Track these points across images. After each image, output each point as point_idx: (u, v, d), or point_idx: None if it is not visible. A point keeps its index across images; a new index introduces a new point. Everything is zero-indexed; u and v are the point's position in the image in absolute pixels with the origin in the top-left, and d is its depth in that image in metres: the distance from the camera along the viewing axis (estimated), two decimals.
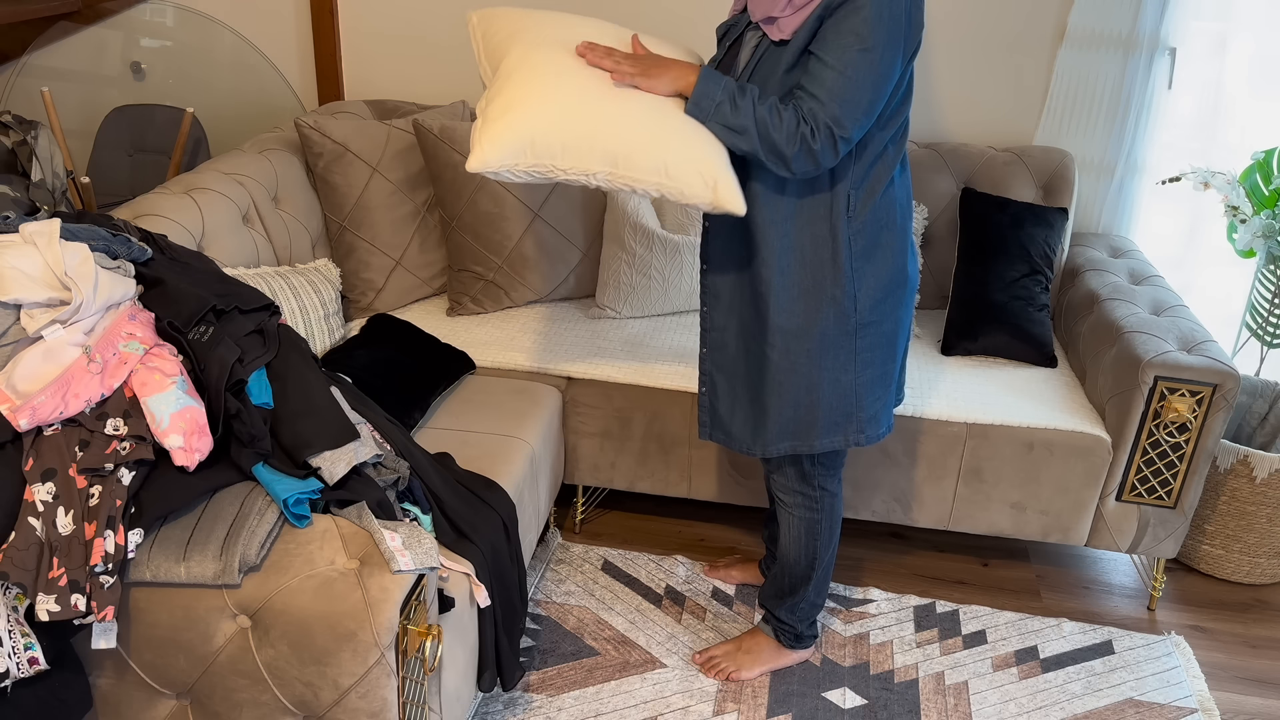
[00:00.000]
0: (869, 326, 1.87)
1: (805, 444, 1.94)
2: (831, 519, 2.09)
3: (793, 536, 2.11)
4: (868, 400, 1.92)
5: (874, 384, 1.92)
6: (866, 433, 1.94)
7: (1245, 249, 2.68)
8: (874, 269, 1.85)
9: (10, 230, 1.68)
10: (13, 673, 1.45)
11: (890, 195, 1.84)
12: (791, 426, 1.93)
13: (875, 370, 1.91)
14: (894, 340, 1.92)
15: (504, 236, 2.70)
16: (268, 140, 2.70)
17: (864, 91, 1.67)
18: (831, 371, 1.89)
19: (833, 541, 2.12)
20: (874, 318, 1.87)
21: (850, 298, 1.84)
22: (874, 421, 1.95)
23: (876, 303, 1.86)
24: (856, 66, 1.65)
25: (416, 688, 1.61)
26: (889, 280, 1.87)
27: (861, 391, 1.91)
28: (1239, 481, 2.53)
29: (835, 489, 2.07)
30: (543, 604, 2.41)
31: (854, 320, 1.86)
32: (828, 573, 2.15)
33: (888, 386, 1.96)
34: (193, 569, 1.51)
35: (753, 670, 2.22)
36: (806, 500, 2.06)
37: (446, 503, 1.85)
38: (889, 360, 1.93)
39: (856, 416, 1.93)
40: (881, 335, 1.89)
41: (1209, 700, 2.23)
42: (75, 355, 1.57)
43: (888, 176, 1.82)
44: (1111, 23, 2.76)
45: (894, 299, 1.89)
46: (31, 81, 3.19)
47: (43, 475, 1.49)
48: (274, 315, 1.83)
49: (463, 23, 3.09)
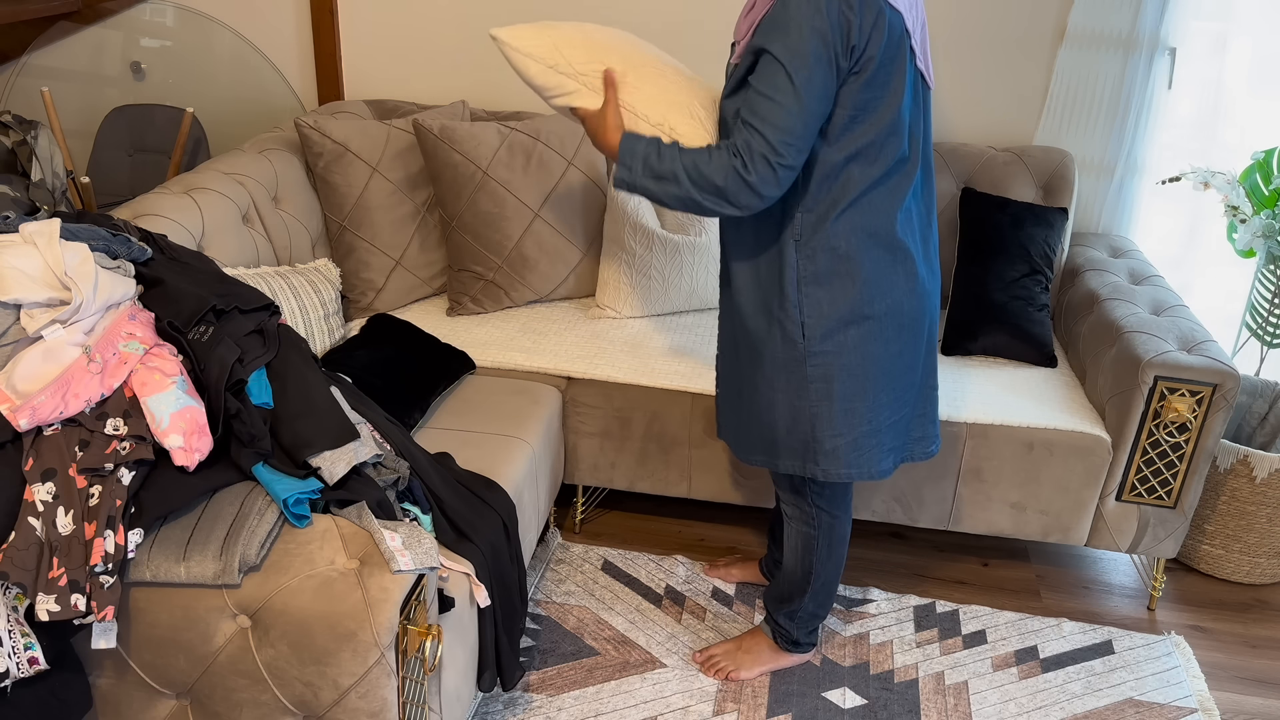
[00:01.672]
0: (820, 356, 1.82)
1: (772, 462, 1.94)
2: (830, 539, 2.07)
3: (790, 546, 2.12)
4: (823, 433, 1.87)
5: (836, 418, 1.86)
6: (823, 466, 1.89)
7: (1245, 249, 2.68)
8: (828, 296, 1.78)
9: (10, 230, 1.68)
10: (13, 673, 1.45)
11: (855, 223, 1.75)
12: (759, 442, 1.94)
13: (835, 404, 1.84)
14: (863, 376, 1.83)
15: (504, 236, 2.70)
16: (268, 140, 2.70)
17: (792, 116, 1.62)
18: (785, 394, 1.86)
19: (831, 559, 2.09)
20: (827, 347, 1.81)
21: (796, 323, 1.81)
22: (833, 457, 1.88)
23: (830, 332, 1.80)
24: (782, 91, 1.62)
25: (416, 688, 1.61)
26: (848, 311, 1.79)
27: (817, 422, 1.86)
28: (1239, 481, 2.53)
29: (836, 512, 2.05)
30: (543, 604, 2.41)
31: (802, 347, 1.82)
32: (828, 587, 2.13)
33: (862, 426, 1.87)
34: (193, 569, 1.51)
35: (751, 670, 2.22)
36: (803, 515, 2.06)
37: (446, 503, 1.85)
38: (858, 397, 1.84)
39: (813, 448, 1.89)
40: (841, 368, 1.82)
41: (1209, 700, 2.23)
42: (75, 355, 1.57)
43: (846, 200, 1.74)
44: (1111, 23, 2.76)
45: (858, 332, 1.80)
46: (31, 81, 3.19)
47: (43, 475, 1.49)
48: (274, 315, 1.83)
49: (463, 23, 3.09)
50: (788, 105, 1.62)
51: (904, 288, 1.81)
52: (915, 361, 1.89)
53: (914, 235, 1.82)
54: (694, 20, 2.99)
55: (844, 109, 1.68)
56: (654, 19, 3.00)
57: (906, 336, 1.84)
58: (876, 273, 1.78)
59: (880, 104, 1.69)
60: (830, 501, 2.03)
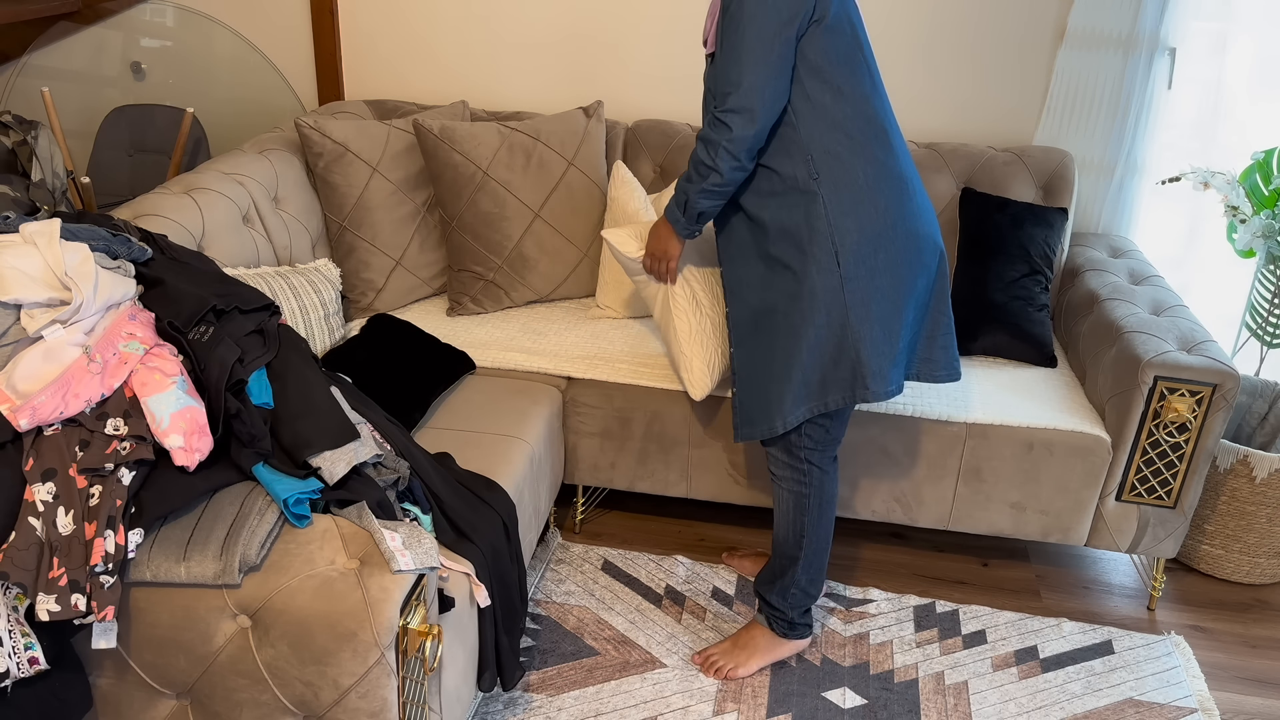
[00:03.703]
0: (856, 280, 1.93)
1: (820, 403, 2.04)
2: (821, 496, 2.12)
3: (782, 510, 2.15)
4: (868, 354, 1.96)
5: (878, 339, 1.96)
6: (873, 387, 1.97)
7: (1245, 249, 2.68)
8: (855, 224, 1.91)
9: (10, 230, 1.68)
10: (13, 673, 1.45)
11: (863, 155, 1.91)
12: (804, 390, 2.04)
13: (875, 325, 1.96)
14: (895, 296, 1.95)
15: (504, 236, 2.70)
16: (268, 140, 2.70)
17: (727, 71, 1.84)
18: (829, 327, 1.99)
19: (822, 520, 2.14)
20: (862, 272, 1.92)
21: (831, 254, 1.92)
22: (880, 377, 1.97)
23: (863, 258, 1.92)
24: (728, 48, 1.84)
25: (416, 688, 1.61)
26: (875, 236, 1.92)
27: (862, 345, 1.96)
28: (1239, 481, 2.53)
29: (826, 466, 2.11)
30: (543, 604, 2.41)
31: (839, 274, 1.94)
32: (819, 557, 2.16)
33: (897, 344, 1.98)
34: (193, 569, 1.51)
35: (749, 666, 2.23)
36: (795, 474, 2.10)
37: (446, 503, 1.85)
38: (893, 316, 1.96)
39: (860, 371, 1.98)
40: (876, 290, 1.94)
41: (1209, 700, 2.23)
42: (75, 355, 1.57)
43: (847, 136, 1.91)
44: (1111, 23, 2.76)
45: (886, 256, 1.92)
46: (31, 81, 3.19)
47: (43, 475, 1.50)
48: (274, 315, 1.83)
49: (463, 23, 3.09)
50: (728, 59, 1.85)
51: (914, 214, 1.96)
52: (929, 283, 2.01)
53: (910, 166, 1.99)
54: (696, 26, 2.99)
55: (814, 54, 1.87)
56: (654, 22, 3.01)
57: (921, 259, 1.97)
58: (892, 200, 1.93)
59: (848, 48, 1.90)
60: (821, 456, 2.09)
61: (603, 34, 3.05)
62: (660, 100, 3.10)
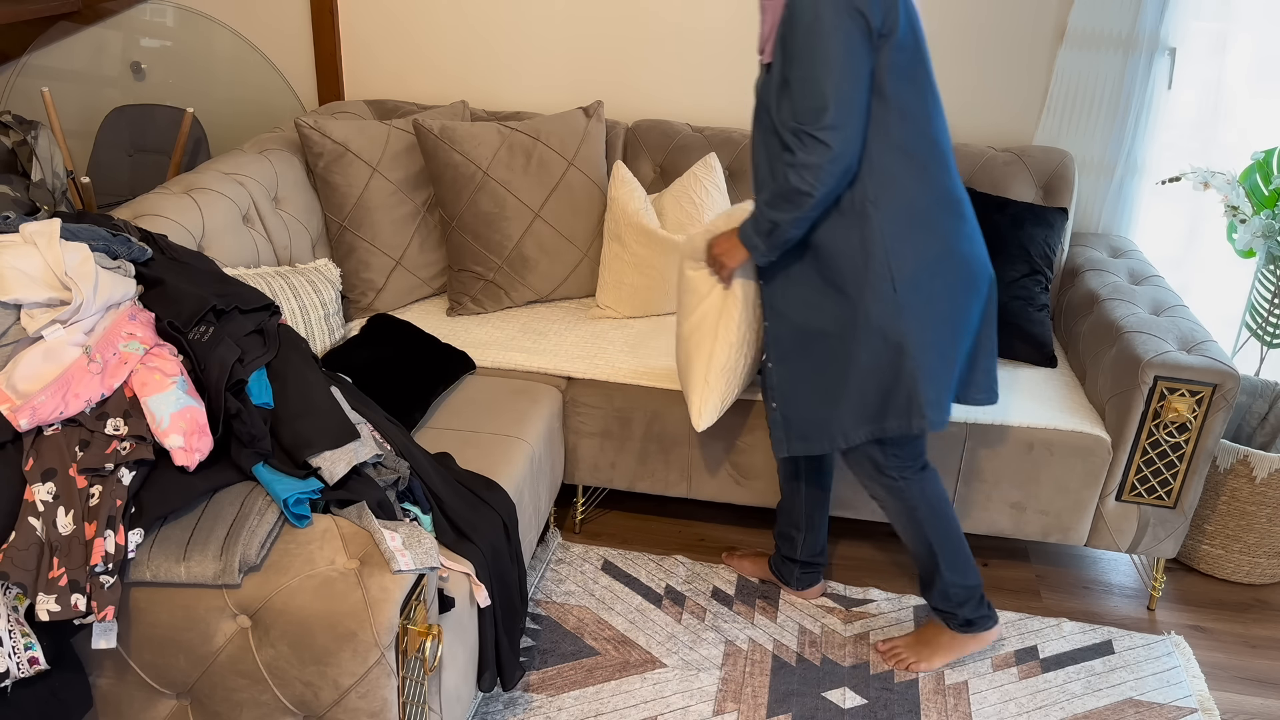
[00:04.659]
0: (913, 307, 1.89)
1: (878, 429, 2.00)
2: (928, 499, 2.10)
3: (900, 528, 2.15)
4: (925, 383, 1.92)
5: (935, 367, 1.93)
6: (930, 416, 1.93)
7: (1245, 249, 2.68)
8: (913, 250, 1.87)
9: (10, 230, 1.68)
10: (13, 673, 1.45)
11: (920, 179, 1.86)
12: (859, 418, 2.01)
13: (932, 353, 1.92)
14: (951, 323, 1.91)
15: (504, 236, 2.70)
16: (268, 140, 2.70)
17: (814, 84, 1.75)
18: (886, 354, 1.94)
19: (941, 520, 2.11)
20: (919, 298, 1.88)
21: (887, 280, 1.88)
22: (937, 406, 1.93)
23: (919, 284, 1.88)
24: (804, 68, 1.76)
25: (416, 688, 1.61)
26: (932, 262, 1.87)
27: (919, 374, 1.92)
28: (1239, 481, 2.53)
29: (917, 472, 2.08)
30: (543, 604, 2.41)
31: (895, 301, 1.89)
32: (957, 551, 2.14)
33: (952, 371, 1.95)
34: (193, 569, 1.51)
35: (933, 662, 2.25)
36: (891, 490, 2.09)
37: (446, 503, 1.85)
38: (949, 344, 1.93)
39: (917, 400, 1.94)
40: (933, 316, 1.90)
41: (1209, 700, 2.23)
42: (75, 355, 1.57)
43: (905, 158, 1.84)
44: (1111, 23, 2.76)
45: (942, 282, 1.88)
46: (31, 81, 3.19)
47: (43, 475, 1.50)
48: (274, 315, 1.83)
49: (463, 23, 3.09)
50: (813, 73, 1.74)
51: (969, 239, 1.92)
52: (980, 309, 1.98)
53: (963, 189, 1.94)
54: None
55: (879, 71, 1.79)
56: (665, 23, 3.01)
57: (975, 284, 1.94)
58: (949, 225, 1.89)
59: (913, 64, 1.82)
60: (909, 465, 2.07)
61: (603, 34, 3.05)
62: (660, 100, 3.10)
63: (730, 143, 2.91)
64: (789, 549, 2.42)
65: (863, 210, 1.85)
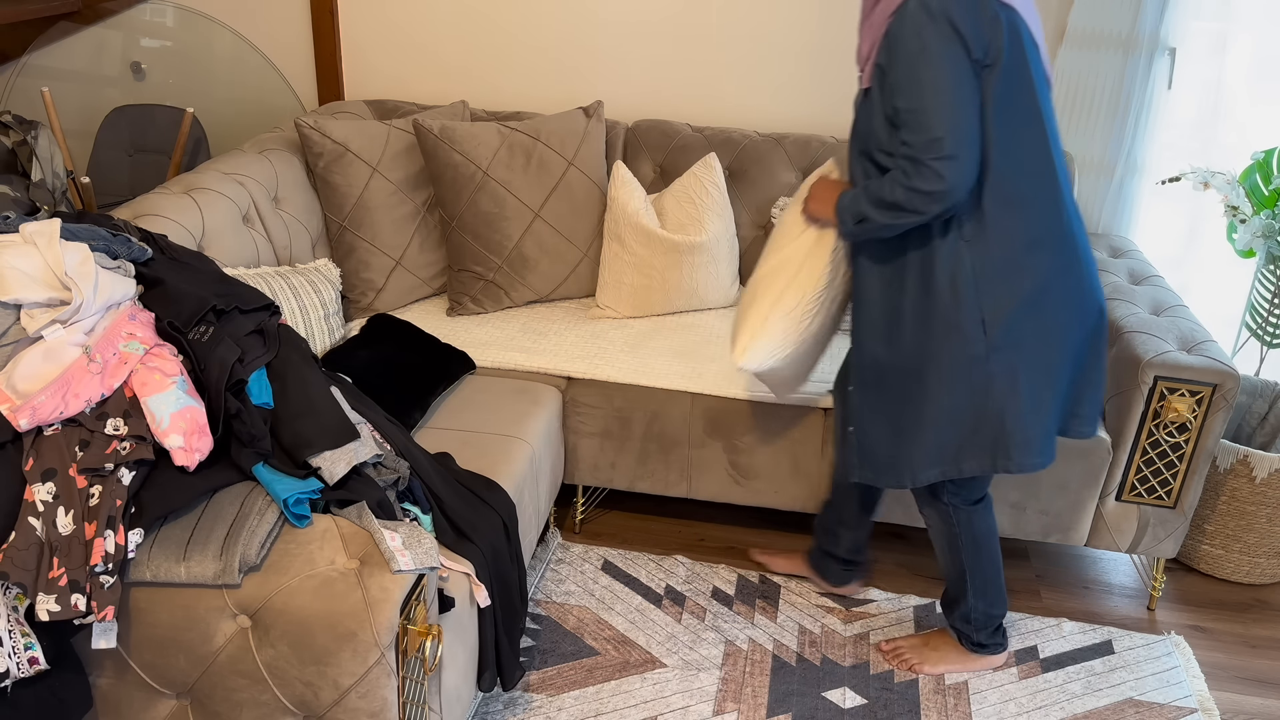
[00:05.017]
0: (1003, 351, 1.85)
1: (954, 469, 1.96)
2: (973, 533, 2.08)
3: (939, 549, 2.15)
4: (1014, 426, 1.88)
5: (1024, 411, 1.87)
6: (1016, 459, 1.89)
7: (1245, 249, 2.68)
8: (1006, 291, 1.82)
9: (10, 230, 1.68)
10: (13, 673, 1.45)
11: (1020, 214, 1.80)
12: (935, 454, 1.95)
13: (1022, 398, 1.87)
14: (1045, 366, 1.86)
15: (504, 236, 2.70)
16: (268, 140, 2.70)
17: (932, 113, 1.68)
18: (969, 397, 1.89)
19: (982, 554, 2.10)
20: (1009, 341, 1.84)
21: (976, 322, 1.83)
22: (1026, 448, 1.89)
23: (1010, 327, 1.83)
24: (916, 94, 1.70)
25: (416, 688, 1.61)
26: (1027, 303, 1.82)
27: (1006, 417, 1.88)
28: (1239, 481, 2.53)
29: (973, 506, 2.07)
30: (543, 604, 2.41)
31: (983, 345, 1.85)
32: (992, 584, 2.13)
33: (1048, 413, 1.89)
34: (193, 569, 1.51)
35: (936, 667, 2.24)
36: (941, 514, 2.09)
37: (446, 503, 1.85)
38: (1044, 387, 1.87)
39: (1003, 442, 1.90)
40: (1024, 361, 1.85)
41: (1209, 700, 2.23)
42: (75, 355, 1.57)
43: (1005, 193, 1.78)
44: (1111, 23, 2.76)
45: (1036, 324, 1.83)
46: (31, 81, 3.19)
47: (43, 475, 1.50)
48: (274, 315, 1.83)
49: (463, 23, 3.09)
50: (924, 104, 1.69)
51: (1075, 275, 1.84)
52: (1085, 341, 1.90)
53: (1077, 221, 1.86)
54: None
55: (984, 104, 1.73)
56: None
57: (1079, 319, 1.87)
58: (1049, 263, 1.81)
59: (1016, 95, 1.75)
60: (965, 497, 2.05)
61: (603, 34, 3.05)
62: (660, 100, 3.10)
63: (730, 143, 2.91)
64: (831, 544, 2.39)
65: (956, 249, 1.79)
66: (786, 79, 3.02)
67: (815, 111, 3.04)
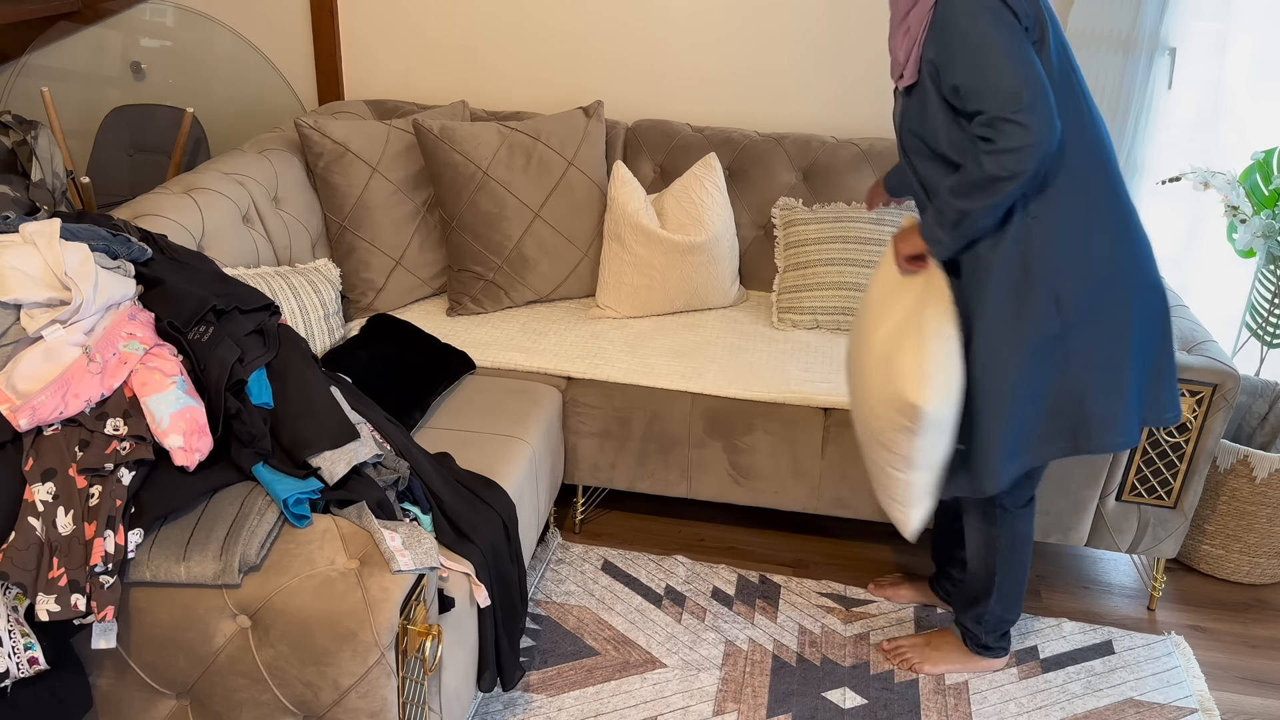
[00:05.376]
0: (1078, 328, 1.85)
1: (1037, 457, 1.94)
2: (1012, 537, 2.07)
3: (973, 546, 2.13)
4: (1093, 405, 1.88)
5: (1101, 388, 1.87)
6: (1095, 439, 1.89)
7: (1245, 249, 2.68)
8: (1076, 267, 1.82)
9: (10, 230, 1.68)
10: (13, 673, 1.45)
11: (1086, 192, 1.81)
12: (1015, 444, 1.92)
13: (1097, 373, 1.87)
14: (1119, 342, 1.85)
15: (504, 236, 2.70)
16: (268, 140, 2.70)
17: (1000, 71, 1.69)
18: (1047, 376, 1.88)
19: (1015, 558, 2.09)
20: (1083, 318, 1.84)
21: (1051, 299, 1.83)
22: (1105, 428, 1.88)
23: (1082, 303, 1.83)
24: (979, 61, 1.71)
25: (416, 688, 1.61)
26: (1101, 279, 1.82)
27: (1085, 396, 1.88)
28: (1239, 481, 2.53)
29: (1018, 509, 2.06)
30: (543, 604, 2.41)
31: (1058, 323, 1.85)
32: (1015, 590, 2.13)
33: (1126, 391, 1.88)
34: (193, 569, 1.51)
35: (937, 667, 2.24)
36: (984, 514, 2.07)
37: (446, 503, 1.85)
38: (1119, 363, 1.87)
39: (1083, 423, 1.90)
40: (1100, 337, 1.85)
41: (1209, 700, 2.23)
42: (75, 355, 1.57)
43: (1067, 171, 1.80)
44: (1111, 23, 2.76)
45: (1111, 298, 1.83)
46: (31, 81, 3.19)
47: (43, 475, 1.49)
48: (274, 315, 1.83)
49: (463, 23, 3.09)
50: (990, 68, 1.70)
51: (1138, 253, 1.85)
52: (1153, 323, 1.89)
53: (1130, 201, 1.87)
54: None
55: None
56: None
57: (1145, 299, 1.87)
58: (1114, 239, 1.82)
59: (1061, 74, 1.78)
60: (1014, 500, 2.04)
61: (602, 34, 3.05)
62: (660, 100, 3.10)
63: (730, 143, 2.91)
64: (963, 572, 2.35)
65: (1025, 227, 1.79)
66: (786, 79, 3.02)
67: (815, 111, 3.04)
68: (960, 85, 1.73)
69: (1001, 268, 1.82)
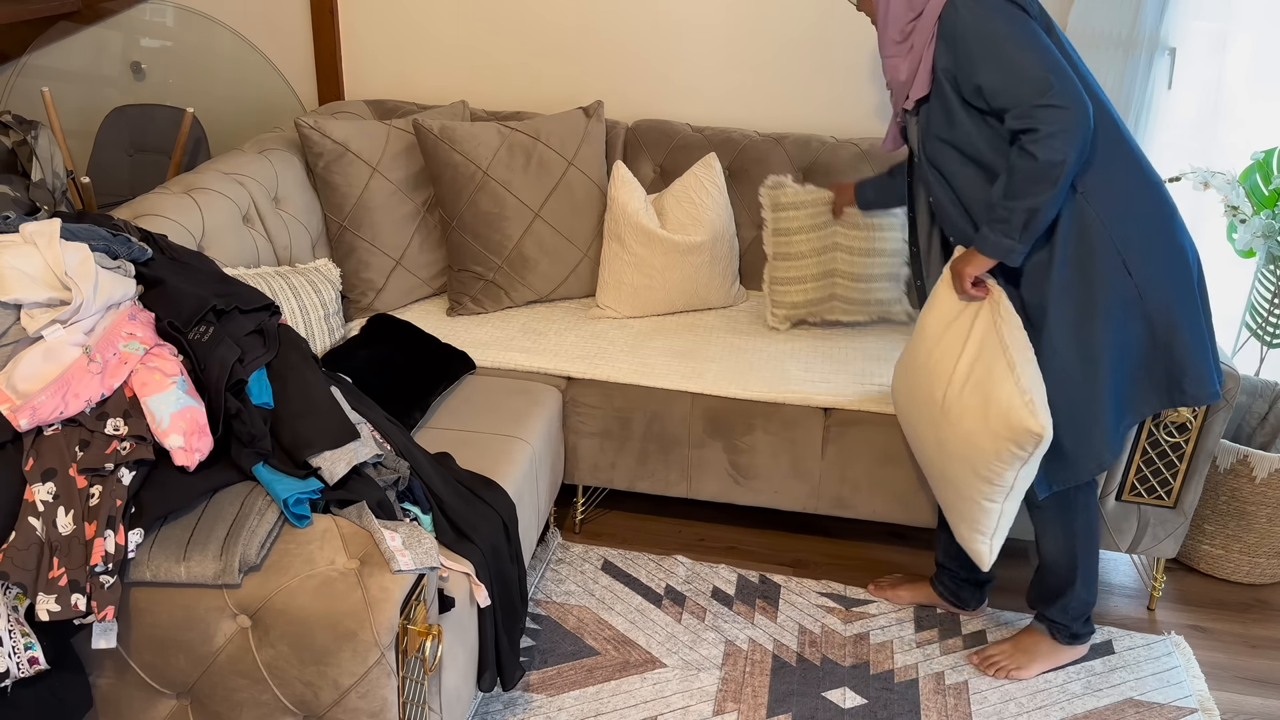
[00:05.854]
0: (1152, 283, 1.90)
1: (1137, 415, 2.02)
2: (1089, 517, 2.11)
3: (1050, 537, 2.13)
4: (1184, 355, 1.93)
5: (1190, 341, 1.92)
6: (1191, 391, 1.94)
7: (1245, 249, 2.68)
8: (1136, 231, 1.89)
9: (10, 230, 1.68)
10: (13, 673, 1.45)
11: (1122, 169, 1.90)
12: (1117, 408, 1.99)
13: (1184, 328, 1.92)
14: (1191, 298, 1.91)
15: (504, 236, 2.70)
16: (268, 140, 2.70)
17: (1025, 58, 1.77)
18: (1135, 333, 1.93)
19: (1091, 540, 2.12)
20: (1153, 273, 1.90)
21: (1119, 264, 1.89)
22: (1200, 380, 1.93)
23: (1149, 261, 1.89)
24: (1003, 56, 1.79)
25: (416, 688, 1.61)
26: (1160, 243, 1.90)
27: (1174, 346, 1.93)
28: (1239, 481, 2.53)
29: (1090, 490, 2.09)
30: (543, 604, 2.41)
31: (1134, 284, 1.90)
32: (1094, 570, 2.16)
33: (1210, 344, 1.95)
34: (193, 569, 1.51)
35: (1031, 669, 2.24)
36: (1060, 501, 2.08)
37: (446, 503, 1.85)
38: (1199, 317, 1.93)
39: (1177, 375, 1.95)
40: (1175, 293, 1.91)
41: (1209, 700, 2.23)
42: (75, 355, 1.57)
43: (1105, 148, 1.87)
44: (1111, 23, 2.76)
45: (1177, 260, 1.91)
46: (31, 81, 3.19)
47: (43, 475, 1.50)
48: (274, 315, 1.83)
49: (463, 23, 3.09)
50: (1012, 61, 1.78)
51: (1177, 217, 1.93)
52: (1200, 291, 1.96)
53: (1157, 176, 1.94)
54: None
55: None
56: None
57: (1193, 263, 1.93)
58: (1157, 201, 1.90)
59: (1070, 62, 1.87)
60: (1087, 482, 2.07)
61: (603, 34, 3.05)
62: (660, 100, 3.10)
63: (730, 143, 2.91)
64: (969, 571, 2.37)
65: (1077, 205, 1.85)
66: (786, 79, 3.02)
67: (815, 111, 3.04)
68: (984, 84, 1.80)
69: (1062, 250, 1.87)
